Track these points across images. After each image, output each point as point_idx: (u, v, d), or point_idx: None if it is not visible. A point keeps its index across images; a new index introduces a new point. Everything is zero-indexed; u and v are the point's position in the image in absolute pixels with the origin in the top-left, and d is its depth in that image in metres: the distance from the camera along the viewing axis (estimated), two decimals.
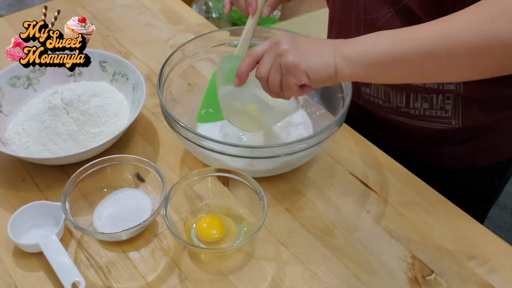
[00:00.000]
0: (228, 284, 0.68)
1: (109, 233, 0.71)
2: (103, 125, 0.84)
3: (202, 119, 0.86)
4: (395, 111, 0.87)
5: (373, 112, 0.91)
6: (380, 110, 0.89)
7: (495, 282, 0.69)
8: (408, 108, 0.85)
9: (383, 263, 0.71)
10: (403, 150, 0.92)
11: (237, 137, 0.83)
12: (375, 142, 0.91)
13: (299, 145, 0.72)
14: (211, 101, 0.86)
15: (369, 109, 0.91)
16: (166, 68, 0.82)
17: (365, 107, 0.92)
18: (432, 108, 0.83)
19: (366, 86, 0.88)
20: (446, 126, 0.85)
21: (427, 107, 0.84)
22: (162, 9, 1.19)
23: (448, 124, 0.84)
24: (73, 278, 0.66)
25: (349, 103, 0.77)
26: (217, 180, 0.76)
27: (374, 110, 0.91)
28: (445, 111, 0.83)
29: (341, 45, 0.63)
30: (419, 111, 0.85)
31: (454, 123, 0.84)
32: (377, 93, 0.87)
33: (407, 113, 0.86)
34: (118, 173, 0.77)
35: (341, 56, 0.62)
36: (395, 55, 0.60)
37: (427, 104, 0.83)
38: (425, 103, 0.83)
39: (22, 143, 0.82)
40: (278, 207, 0.78)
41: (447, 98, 0.82)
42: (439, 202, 0.79)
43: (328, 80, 0.63)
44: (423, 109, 0.84)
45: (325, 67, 0.62)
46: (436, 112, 0.84)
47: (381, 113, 0.89)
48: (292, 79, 0.64)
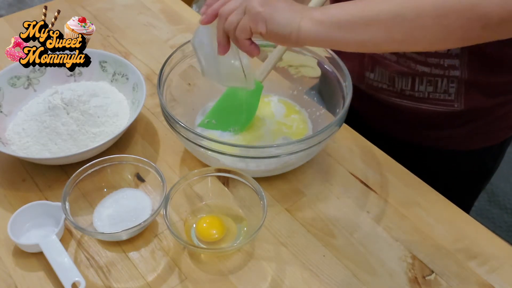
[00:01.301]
0: (228, 284, 0.68)
1: (109, 233, 0.71)
2: (103, 125, 0.84)
3: (204, 126, 0.86)
4: (399, 94, 0.88)
5: (375, 96, 0.92)
6: (383, 93, 0.90)
7: (495, 282, 0.69)
8: (413, 91, 0.86)
9: (383, 263, 0.71)
10: (402, 133, 0.94)
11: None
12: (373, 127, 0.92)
13: (299, 145, 0.73)
14: (218, 113, 0.86)
15: (371, 93, 0.92)
16: (166, 68, 0.82)
17: (367, 92, 0.93)
18: (436, 92, 0.85)
19: (370, 71, 0.89)
20: (448, 108, 0.86)
21: (431, 91, 0.85)
22: (162, 9, 1.19)
23: (450, 106, 0.86)
24: (73, 278, 0.66)
25: (349, 103, 0.77)
26: (217, 180, 0.76)
27: (376, 94, 0.92)
28: (449, 94, 0.85)
29: (311, 9, 0.63)
30: (423, 94, 0.86)
31: (457, 105, 0.86)
32: (381, 78, 0.88)
33: (411, 96, 0.87)
34: (118, 173, 0.77)
35: (308, 18, 0.61)
36: (362, 18, 0.59)
37: (431, 88, 0.85)
38: (430, 87, 0.85)
39: (22, 143, 0.82)
40: (278, 207, 0.78)
41: (451, 82, 0.83)
42: (439, 202, 0.79)
43: (286, 38, 0.62)
44: (427, 92, 0.86)
45: (288, 24, 0.62)
46: (440, 96, 0.85)
47: (383, 96, 0.91)
48: (249, 22, 0.63)
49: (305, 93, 0.93)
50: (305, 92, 0.93)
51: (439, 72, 0.83)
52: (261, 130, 0.85)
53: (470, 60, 0.81)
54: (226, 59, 0.71)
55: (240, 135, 0.84)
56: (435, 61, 0.82)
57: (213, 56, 0.72)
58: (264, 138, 0.84)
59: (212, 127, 0.85)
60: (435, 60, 0.82)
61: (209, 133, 0.85)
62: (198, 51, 0.74)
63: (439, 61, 0.82)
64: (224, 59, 0.71)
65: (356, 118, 0.95)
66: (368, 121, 0.97)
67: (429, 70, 0.83)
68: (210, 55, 0.73)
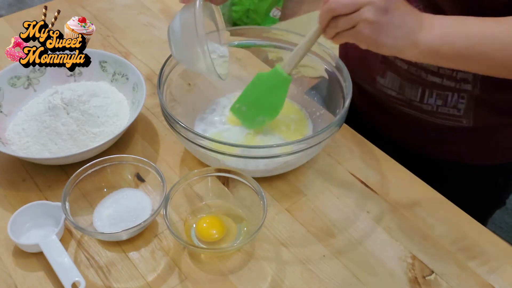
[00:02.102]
0: (228, 284, 0.68)
1: (109, 233, 0.71)
2: (103, 125, 0.84)
3: (234, 111, 0.85)
4: (407, 104, 0.87)
5: (383, 102, 0.91)
6: (391, 101, 0.89)
7: (495, 282, 0.69)
8: (422, 103, 0.85)
9: (383, 263, 0.71)
10: (407, 142, 0.93)
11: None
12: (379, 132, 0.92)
13: (299, 145, 0.73)
14: (247, 100, 0.84)
15: (380, 98, 0.91)
16: (166, 68, 0.82)
17: (376, 95, 0.92)
18: (446, 106, 0.84)
19: (381, 76, 0.89)
20: (456, 124, 0.85)
21: (440, 104, 0.84)
22: (162, 9, 1.19)
23: (458, 122, 0.85)
24: (73, 278, 0.66)
25: (349, 104, 0.77)
26: (217, 180, 0.76)
27: (385, 100, 0.91)
28: (458, 109, 0.83)
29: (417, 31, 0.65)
30: (431, 107, 0.85)
31: (465, 122, 0.84)
32: (392, 84, 0.88)
33: (419, 107, 0.86)
34: (118, 173, 0.77)
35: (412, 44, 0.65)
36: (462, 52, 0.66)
37: (441, 101, 0.84)
38: (439, 100, 0.84)
39: (22, 143, 0.82)
40: (278, 207, 0.78)
41: (462, 98, 0.82)
42: (439, 202, 0.79)
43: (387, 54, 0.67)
44: (436, 106, 0.85)
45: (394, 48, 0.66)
46: (449, 110, 0.84)
47: (392, 104, 0.90)
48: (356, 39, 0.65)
49: (305, 93, 0.93)
50: (305, 92, 0.93)
51: (450, 84, 0.81)
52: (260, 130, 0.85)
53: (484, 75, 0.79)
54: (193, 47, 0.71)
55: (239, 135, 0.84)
56: (448, 73, 0.81)
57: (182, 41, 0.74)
58: (263, 138, 0.84)
59: (241, 114, 0.84)
60: (447, 72, 0.81)
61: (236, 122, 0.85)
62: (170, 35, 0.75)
63: (451, 73, 0.80)
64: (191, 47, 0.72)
65: (364, 123, 0.94)
66: (377, 126, 0.96)
67: (440, 81, 0.82)
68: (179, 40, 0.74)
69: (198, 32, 0.70)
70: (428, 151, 0.92)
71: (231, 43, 0.92)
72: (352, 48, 0.73)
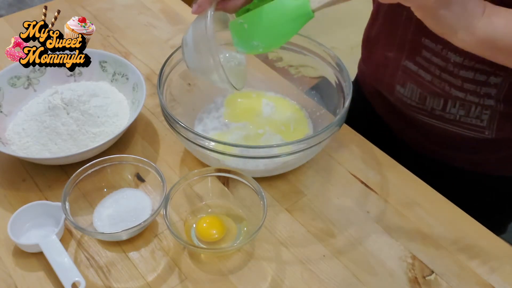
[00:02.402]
0: (228, 284, 0.68)
1: (109, 233, 0.71)
2: (103, 125, 0.84)
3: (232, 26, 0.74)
4: (429, 113, 0.85)
5: (403, 111, 0.90)
6: (412, 110, 0.88)
7: (495, 282, 0.69)
8: (444, 112, 0.84)
9: (383, 263, 0.71)
10: (425, 150, 0.91)
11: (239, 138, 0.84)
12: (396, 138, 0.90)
13: (299, 145, 0.73)
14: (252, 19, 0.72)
15: (400, 107, 0.90)
16: (166, 68, 0.82)
17: (395, 105, 0.91)
18: (468, 116, 0.82)
19: (401, 85, 0.87)
20: (478, 135, 0.83)
21: (463, 114, 0.82)
22: (162, 9, 1.19)
23: (481, 133, 0.83)
24: (73, 278, 0.66)
25: (349, 104, 0.77)
26: (217, 180, 0.76)
27: (404, 109, 0.89)
28: (481, 120, 0.82)
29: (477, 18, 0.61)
30: (454, 116, 0.83)
31: (487, 133, 0.83)
32: (411, 94, 0.86)
33: (441, 116, 0.84)
34: (118, 173, 0.77)
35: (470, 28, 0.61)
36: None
37: (463, 111, 0.82)
38: (462, 110, 0.82)
39: (22, 143, 0.82)
40: (278, 207, 0.78)
41: (485, 109, 0.80)
42: (439, 202, 0.79)
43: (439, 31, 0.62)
44: (458, 115, 0.83)
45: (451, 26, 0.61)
46: (471, 120, 0.82)
47: (412, 113, 0.88)
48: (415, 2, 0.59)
49: (305, 93, 0.93)
50: (305, 92, 0.93)
51: (473, 100, 0.80)
52: (259, 130, 0.85)
53: (509, 90, 0.78)
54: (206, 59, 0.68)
55: (237, 135, 0.84)
56: (472, 88, 0.79)
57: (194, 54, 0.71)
58: (263, 138, 0.84)
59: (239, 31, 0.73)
60: (471, 87, 0.79)
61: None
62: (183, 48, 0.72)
63: (475, 88, 0.79)
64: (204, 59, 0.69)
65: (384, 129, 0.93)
66: (395, 132, 0.95)
67: (463, 96, 0.80)
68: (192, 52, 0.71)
69: (210, 43, 0.67)
70: (448, 159, 0.91)
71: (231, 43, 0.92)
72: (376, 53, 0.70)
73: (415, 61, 0.84)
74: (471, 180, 0.92)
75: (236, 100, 0.92)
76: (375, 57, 0.92)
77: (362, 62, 0.95)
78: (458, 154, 0.89)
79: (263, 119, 0.88)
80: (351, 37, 2.48)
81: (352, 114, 0.81)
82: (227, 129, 0.86)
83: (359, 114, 0.91)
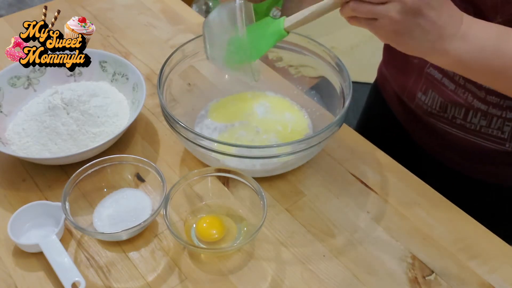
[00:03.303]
0: (228, 284, 0.68)
1: (109, 233, 0.71)
2: (103, 125, 0.84)
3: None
4: (449, 121, 0.84)
5: (424, 119, 0.88)
6: (432, 118, 0.86)
7: (495, 282, 0.69)
8: (465, 121, 0.82)
9: (383, 263, 0.71)
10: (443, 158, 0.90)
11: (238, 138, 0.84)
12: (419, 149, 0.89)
13: (299, 145, 0.73)
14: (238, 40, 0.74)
15: (420, 114, 0.88)
16: (166, 68, 0.82)
17: (416, 111, 0.89)
18: (490, 127, 0.81)
19: (422, 92, 0.86)
20: (498, 147, 0.82)
21: (484, 125, 0.81)
22: (162, 9, 1.19)
23: (501, 145, 0.82)
24: (73, 278, 0.66)
25: (349, 104, 0.77)
26: (217, 180, 0.76)
27: (425, 116, 0.87)
28: (502, 132, 0.81)
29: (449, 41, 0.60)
30: (475, 126, 0.82)
31: (508, 146, 0.81)
32: (432, 102, 0.85)
33: (462, 125, 0.83)
34: (118, 173, 0.77)
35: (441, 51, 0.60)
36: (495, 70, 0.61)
37: (485, 122, 0.81)
38: (484, 121, 0.81)
39: (22, 143, 0.82)
40: (278, 207, 0.78)
41: (508, 121, 0.79)
42: (439, 202, 0.79)
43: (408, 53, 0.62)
44: (479, 126, 0.82)
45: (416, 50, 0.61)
46: (493, 131, 0.81)
47: (432, 121, 0.87)
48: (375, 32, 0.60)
49: (305, 93, 0.93)
50: (305, 92, 0.93)
51: (496, 113, 0.79)
52: (257, 130, 0.85)
53: None
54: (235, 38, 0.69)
55: (236, 134, 0.84)
56: (495, 100, 0.78)
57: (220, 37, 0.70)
58: (263, 138, 0.84)
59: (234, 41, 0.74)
60: (494, 99, 0.78)
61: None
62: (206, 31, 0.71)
63: (498, 101, 0.78)
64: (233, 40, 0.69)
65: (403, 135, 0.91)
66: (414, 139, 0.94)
67: (485, 108, 0.79)
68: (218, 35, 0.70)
69: (239, 28, 0.66)
70: (466, 170, 0.89)
71: None
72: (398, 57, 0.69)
73: (440, 68, 0.82)
74: (488, 191, 0.90)
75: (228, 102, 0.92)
76: (398, 62, 0.90)
77: (383, 65, 0.92)
78: (477, 165, 0.88)
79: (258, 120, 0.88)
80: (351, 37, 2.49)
81: (370, 119, 0.80)
82: (227, 129, 0.86)
83: (378, 119, 0.89)
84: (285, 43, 0.89)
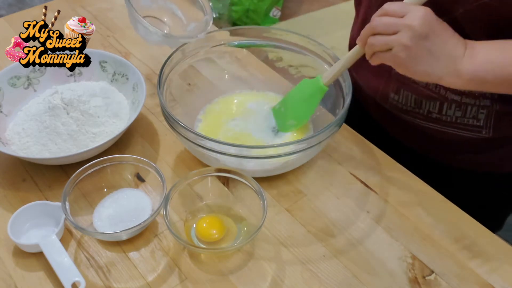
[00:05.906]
0: (228, 284, 0.68)
1: (109, 233, 0.71)
2: (103, 125, 0.84)
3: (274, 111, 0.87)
4: (425, 117, 0.85)
5: (400, 117, 0.89)
6: (408, 115, 0.87)
7: (495, 282, 0.69)
8: (440, 114, 0.84)
9: (383, 263, 0.71)
10: (422, 150, 0.91)
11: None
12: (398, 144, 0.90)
13: (299, 145, 0.73)
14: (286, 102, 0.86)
15: (396, 113, 0.89)
16: (166, 68, 0.82)
17: (391, 111, 0.90)
18: (465, 117, 0.82)
19: (394, 93, 0.87)
20: (475, 134, 0.84)
21: (459, 115, 0.83)
22: None
23: (478, 133, 0.83)
24: (73, 278, 0.66)
25: (349, 104, 0.77)
26: (217, 180, 0.76)
27: (401, 114, 0.89)
28: (478, 120, 0.82)
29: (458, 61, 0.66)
30: (451, 118, 0.83)
31: (485, 132, 0.83)
32: (405, 101, 0.86)
33: (438, 119, 0.85)
34: (118, 173, 0.77)
35: (454, 73, 0.65)
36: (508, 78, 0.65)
37: (460, 113, 0.82)
38: (458, 112, 0.82)
39: (22, 143, 0.82)
40: (278, 207, 0.78)
41: (482, 109, 0.81)
42: (439, 202, 0.79)
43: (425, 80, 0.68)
44: (455, 117, 0.83)
45: (431, 76, 0.66)
46: (468, 121, 0.83)
47: (409, 118, 0.88)
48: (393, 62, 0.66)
49: None
50: None
51: (469, 101, 0.80)
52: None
53: None
54: None
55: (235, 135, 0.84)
56: (467, 90, 0.79)
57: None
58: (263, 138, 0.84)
59: (279, 114, 0.86)
60: None
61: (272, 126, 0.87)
62: None
63: (471, 90, 0.79)
64: None
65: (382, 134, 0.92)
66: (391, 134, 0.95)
67: (459, 99, 0.81)
68: None
69: None
70: (446, 159, 0.91)
71: (231, 43, 0.92)
72: (366, 61, 0.71)
73: None
74: (470, 178, 0.92)
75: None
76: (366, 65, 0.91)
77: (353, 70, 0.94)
78: (457, 154, 0.89)
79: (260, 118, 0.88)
80: None
81: (349, 119, 0.81)
82: (228, 128, 0.86)
83: (356, 119, 0.90)
84: (285, 43, 0.89)
